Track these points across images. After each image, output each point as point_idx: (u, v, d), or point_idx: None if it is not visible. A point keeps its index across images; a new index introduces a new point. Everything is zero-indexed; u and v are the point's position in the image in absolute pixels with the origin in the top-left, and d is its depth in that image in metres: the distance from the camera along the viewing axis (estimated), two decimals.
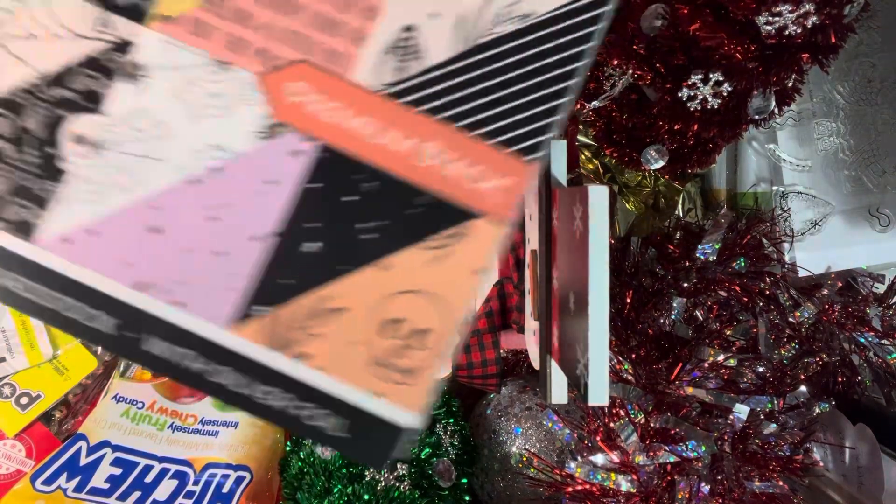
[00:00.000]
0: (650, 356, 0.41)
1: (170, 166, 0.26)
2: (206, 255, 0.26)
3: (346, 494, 0.38)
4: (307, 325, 0.26)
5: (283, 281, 0.26)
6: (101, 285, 0.26)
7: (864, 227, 0.49)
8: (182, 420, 0.50)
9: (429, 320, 0.26)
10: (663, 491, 0.37)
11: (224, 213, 0.26)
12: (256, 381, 0.26)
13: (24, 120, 0.26)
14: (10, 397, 0.51)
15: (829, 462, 0.45)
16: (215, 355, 0.26)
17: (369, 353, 0.26)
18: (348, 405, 0.26)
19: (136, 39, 0.26)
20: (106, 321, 0.26)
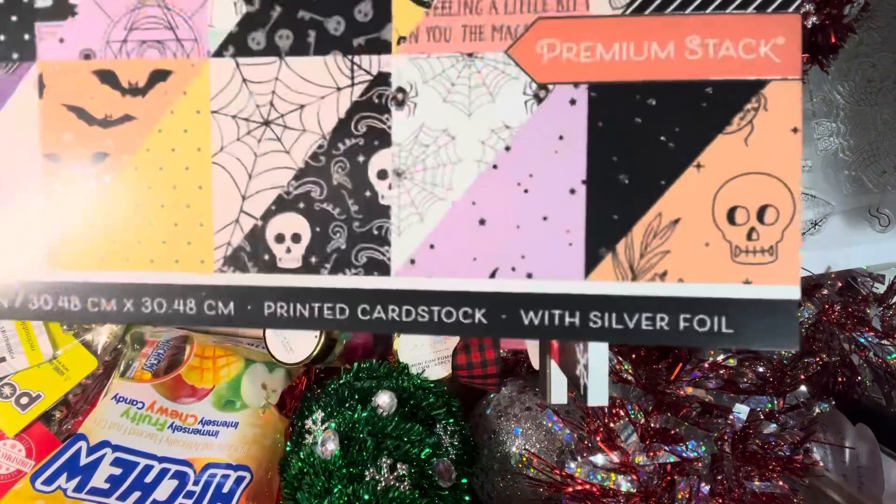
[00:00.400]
0: (650, 356, 0.40)
1: (467, 163, 0.28)
2: (534, 224, 0.28)
3: (346, 494, 0.38)
4: (652, 246, 0.27)
5: (613, 217, 0.27)
6: (459, 286, 0.28)
7: (864, 227, 0.49)
8: (182, 420, 0.50)
9: (766, 195, 0.26)
10: (663, 491, 0.37)
11: (532, 183, 0.28)
12: (629, 312, 0.27)
13: (331, 179, 0.29)
14: (10, 397, 0.51)
15: (829, 462, 0.45)
16: (583, 305, 0.28)
17: (722, 248, 0.27)
18: (722, 302, 0.27)
19: (388, 69, 0.28)
20: (478, 313, 0.28)
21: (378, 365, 0.48)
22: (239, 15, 0.29)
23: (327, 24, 0.29)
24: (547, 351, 0.36)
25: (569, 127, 0.27)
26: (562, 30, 0.27)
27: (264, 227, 0.30)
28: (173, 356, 0.53)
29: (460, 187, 0.28)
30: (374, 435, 0.40)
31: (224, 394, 0.52)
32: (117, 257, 0.31)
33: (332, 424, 0.41)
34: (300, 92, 0.29)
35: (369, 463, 0.39)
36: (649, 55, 0.27)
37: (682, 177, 0.27)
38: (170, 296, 0.30)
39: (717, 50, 0.26)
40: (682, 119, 0.27)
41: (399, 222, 0.29)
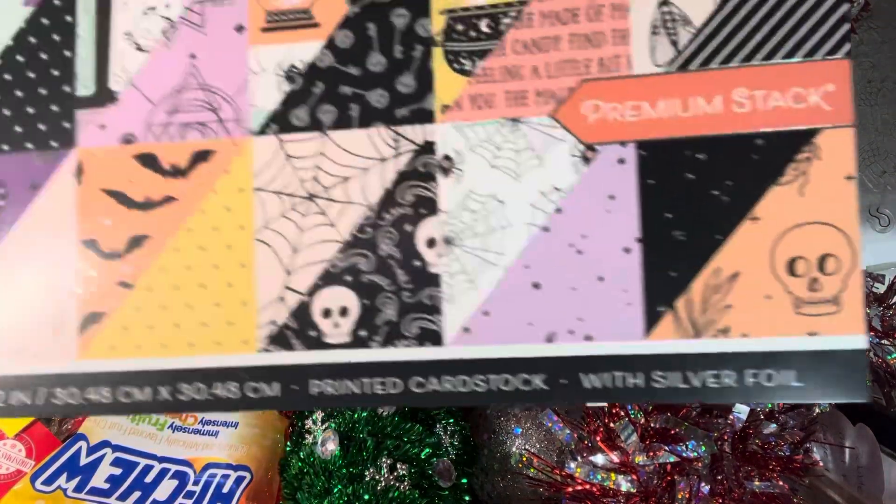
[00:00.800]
0: None
1: (518, 227, 0.28)
2: (590, 285, 0.27)
3: (346, 494, 0.37)
4: (712, 301, 0.26)
5: (670, 274, 0.27)
6: (515, 352, 0.28)
7: (864, 227, 0.49)
8: (182, 420, 0.49)
9: (826, 245, 0.26)
10: (663, 491, 0.36)
11: (586, 244, 0.27)
12: (694, 370, 0.27)
13: (379, 249, 0.28)
14: None
15: (829, 462, 0.45)
16: (646, 366, 0.27)
17: (784, 300, 0.26)
18: (789, 355, 0.26)
19: (432, 138, 0.28)
20: (536, 380, 0.27)
21: None
22: (282, 94, 0.29)
23: (370, 98, 0.29)
24: None
25: (619, 186, 0.27)
26: (606, 90, 0.28)
27: (310, 302, 0.29)
28: None
29: (512, 252, 0.28)
30: (374, 435, 0.40)
31: None
32: (153, 343, 0.29)
33: (332, 424, 0.41)
34: (344, 165, 0.29)
35: (369, 463, 0.38)
36: (696, 110, 0.27)
37: (738, 230, 0.27)
38: (209, 380, 0.29)
39: (765, 101, 0.27)
40: (734, 172, 0.27)
41: (451, 290, 0.28)
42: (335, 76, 0.29)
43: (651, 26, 0.27)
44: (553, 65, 0.28)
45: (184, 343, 0.29)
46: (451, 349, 0.28)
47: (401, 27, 0.29)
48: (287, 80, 0.29)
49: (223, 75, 0.30)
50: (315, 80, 0.29)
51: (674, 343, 0.27)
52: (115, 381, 0.29)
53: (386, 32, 0.29)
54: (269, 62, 0.29)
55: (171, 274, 0.29)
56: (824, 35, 0.26)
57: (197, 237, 0.29)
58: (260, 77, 0.29)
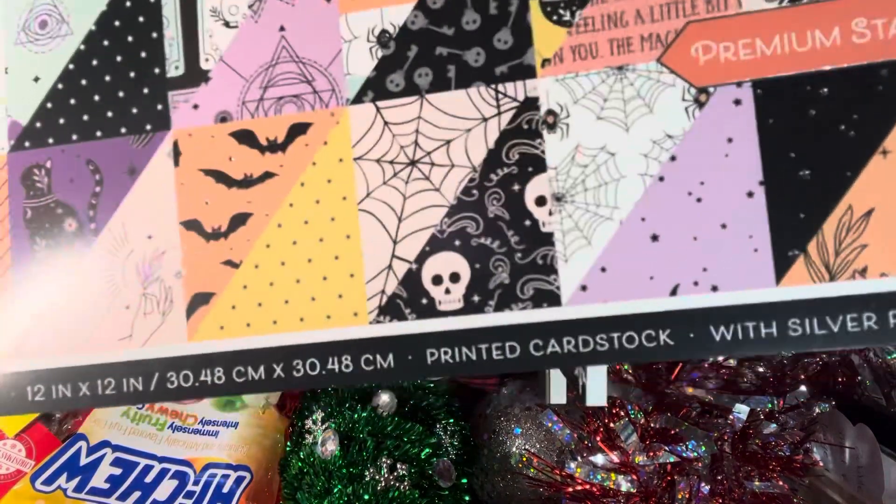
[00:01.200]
0: None
1: (631, 179, 0.27)
2: (713, 233, 0.26)
3: (346, 494, 0.37)
4: (847, 242, 0.25)
5: (799, 216, 0.26)
6: (638, 308, 0.27)
7: None
8: (182, 420, 0.49)
9: None
10: (663, 491, 0.36)
11: (705, 191, 0.26)
12: (832, 315, 0.26)
13: (487, 211, 0.28)
14: None
15: (829, 462, 0.44)
16: (780, 314, 0.26)
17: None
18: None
19: (535, 93, 0.28)
20: (662, 335, 0.27)
21: None
22: (375, 59, 0.29)
23: (466, 57, 0.28)
24: None
25: (737, 128, 0.26)
26: (715, 30, 0.26)
27: (420, 270, 0.28)
28: None
29: (626, 205, 0.27)
30: (374, 435, 0.40)
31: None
32: (264, 321, 0.29)
33: (332, 424, 0.41)
34: (445, 127, 0.28)
35: (369, 463, 0.38)
36: (814, 44, 0.26)
37: (868, 165, 0.25)
38: (323, 355, 0.29)
39: (886, 30, 0.25)
40: (859, 105, 0.25)
41: (565, 248, 0.27)
42: (429, 38, 0.28)
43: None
44: (657, 7, 0.27)
45: (294, 319, 0.29)
46: (569, 309, 0.27)
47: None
48: (380, 46, 0.29)
49: (315, 46, 0.29)
50: (409, 43, 0.29)
51: (808, 289, 0.26)
52: (228, 362, 0.29)
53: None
54: (361, 28, 0.29)
55: (276, 250, 0.29)
56: None
57: (300, 211, 0.29)
58: (352, 44, 0.29)
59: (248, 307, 0.29)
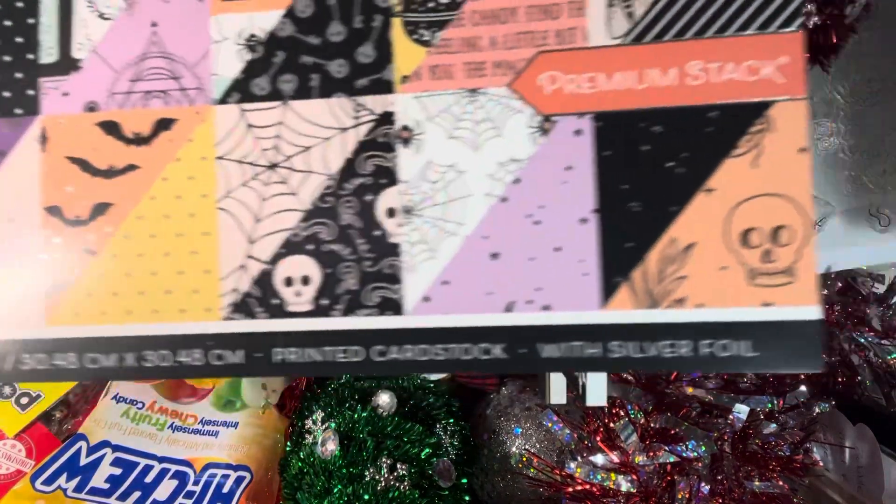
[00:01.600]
0: None
1: (477, 197, 0.28)
2: (547, 255, 0.27)
3: (346, 494, 0.37)
4: (668, 272, 0.27)
5: (627, 245, 0.27)
6: (475, 321, 0.28)
7: (864, 227, 0.48)
8: (182, 420, 0.49)
9: (780, 216, 0.26)
10: (663, 491, 0.36)
11: (543, 214, 0.28)
12: (650, 340, 0.27)
13: (340, 219, 0.29)
14: (10, 397, 0.49)
15: (829, 462, 0.45)
16: (603, 336, 0.27)
17: (739, 271, 0.27)
18: (744, 325, 0.26)
19: (392, 108, 0.28)
20: (496, 349, 0.28)
21: None
22: (242, 62, 0.29)
23: (330, 68, 0.29)
24: None
25: (576, 157, 0.28)
26: (563, 62, 0.28)
27: (272, 270, 0.29)
28: None
29: (471, 222, 0.28)
30: (374, 435, 0.40)
31: (224, 394, 0.51)
32: (119, 310, 0.30)
33: (332, 424, 0.41)
34: (305, 134, 0.29)
35: (369, 463, 0.38)
36: (651, 82, 0.27)
37: (693, 202, 0.27)
38: (174, 347, 0.29)
39: (719, 73, 0.27)
40: (689, 144, 0.27)
41: (411, 259, 0.28)
42: (295, 45, 0.29)
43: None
44: (511, 36, 0.28)
45: (148, 310, 0.30)
46: (411, 318, 0.28)
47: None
48: (248, 50, 0.29)
49: (185, 44, 0.30)
50: (275, 49, 0.29)
51: (630, 313, 0.27)
52: (80, 348, 0.30)
53: (346, 2, 0.29)
54: (231, 31, 0.29)
55: (135, 241, 0.30)
56: (777, 8, 0.26)
57: (160, 205, 0.30)
58: (221, 45, 0.29)
59: (104, 296, 0.30)
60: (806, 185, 0.26)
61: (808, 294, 0.26)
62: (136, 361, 0.30)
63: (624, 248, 0.27)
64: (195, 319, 0.29)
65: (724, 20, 0.27)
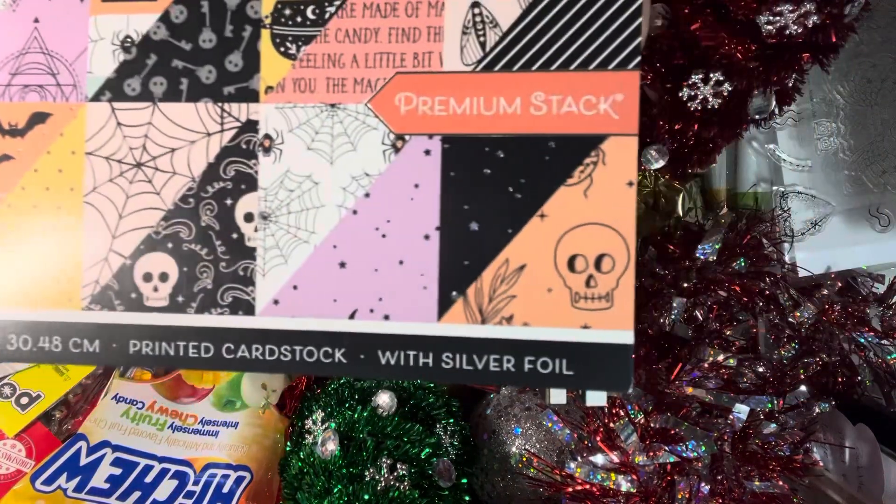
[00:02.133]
0: (650, 356, 0.40)
1: (329, 208, 0.29)
2: (391, 267, 0.29)
3: (346, 494, 0.37)
4: (500, 291, 0.28)
5: (464, 262, 0.28)
6: (320, 326, 0.29)
7: (864, 227, 0.48)
8: (182, 420, 0.49)
9: (603, 245, 0.28)
10: (663, 491, 0.36)
11: (390, 228, 0.29)
12: (479, 354, 0.28)
13: (200, 220, 0.30)
14: (10, 397, 0.49)
15: (829, 462, 0.45)
16: (436, 346, 0.29)
17: (563, 294, 0.28)
18: (563, 345, 0.28)
19: (256, 116, 0.29)
20: (338, 353, 0.29)
21: None
22: (116, 62, 0.30)
23: (199, 73, 0.30)
24: None
25: (424, 175, 0.29)
26: (418, 84, 0.29)
27: (133, 265, 0.30)
28: None
29: (322, 231, 0.29)
30: (374, 435, 0.40)
31: (224, 394, 0.51)
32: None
33: (332, 424, 0.41)
34: (172, 136, 0.30)
35: (369, 463, 0.39)
36: (497, 110, 0.28)
37: (527, 225, 0.28)
38: (35, 333, 0.31)
39: (560, 106, 0.28)
40: (527, 171, 0.28)
41: (264, 264, 0.30)
42: (168, 49, 0.30)
43: (462, 26, 0.29)
44: (371, 55, 0.29)
45: (14, 295, 0.31)
46: (260, 319, 0.30)
47: (232, 6, 0.30)
48: (123, 50, 0.30)
49: (64, 41, 0.31)
50: (149, 51, 0.30)
51: (462, 327, 0.28)
52: None
53: (218, 11, 0.30)
54: (108, 31, 0.30)
55: (3, 229, 0.31)
56: (616, 47, 0.28)
57: (31, 195, 0.31)
58: (97, 45, 0.30)
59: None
60: (630, 216, 0.27)
61: (624, 319, 0.27)
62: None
63: (461, 266, 0.28)
64: (57, 307, 0.30)
65: (567, 55, 0.28)
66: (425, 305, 0.29)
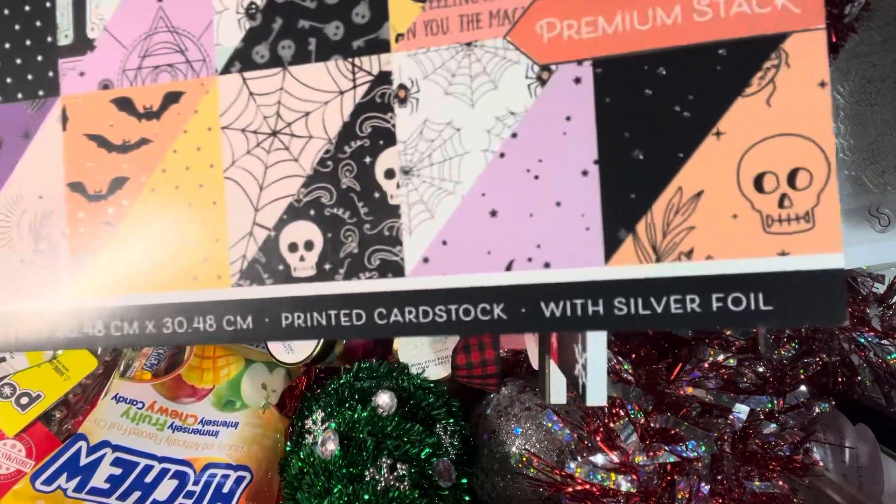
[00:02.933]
0: (650, 356, 0.40)
1: (474, 155, 0.27)
2: (548, 210, 0.27)
3: (346, 494, 0.37)
4: (675, 223, 0.26)
5: (630, 196, 0.26)
6: (474, 281, 0.27)
7: (864, 227, 0.48)
8: (182, 420, 0.50)
9: (796, 158, 0.24)
10: (663, 491, 0.36)
11: (542, 168, 0.27)
12: (656, 296, 0.26)
13: (340, 183, 0.29)
14: (10, 397, 0.51)
15: (829, 462, 0.44)
16: (606, 292, 0.26)
17: (752, 219, 0.25)
18: (758, 277, 0.25)
19: (388, 67, 0.28)
20: (494, 309, 0.27)
21: (378, 365, 0.48)
22: (243, 31, 0.30)
23: (326, 31, 0.29)
24: (546, 351, 0.34)
25: (576, 107, 0.26)
26: (560, 7, 0.26)
27: (277, 237, 0.29)
28: (173, 356, 0.54)
29: (468, 180, 0.27)
30: (374, 435, 0.40)
31: (224, 394, 0.52)
32: (138, 280, 0.31)
33: (332, 424, 0.41)
34: (305, 99, 0.29)
35: (369, 463, 0.38)
36: (654, 22, 0.25)
37: (701, 147, 0.25)
38: (189, 314, 0.30)
39: (728, 7, 0.25)
40: (695, 86, 0.25)
41: (410, 221, 0.28)
42: (293, 10, 0.29)
43: None
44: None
45: (165, 279, 0.31)
46: (411, 280, 0.28)
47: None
48: (248, 18, 0.30)
49: (189, 17, 0.30)
50: (274, 15, 0.29)
51: (635, 269, 0.26)
52: (107, 317, 0.31)
53: None
54: (231, 1, 0.30)
55: (149, 213, 0.31)
56: None
57: (171, 177, 0.31)
58: (223, 16, 0.30)
59: (124, 266, 0.31)
60: (826, 122, 0.24)
61: (830, 241, 0.24)
62: (155, 329, 0.31)
63: (627, 200, 0.26)
64: (207, 287, 0.30)
65: None
66: (590, 248, 0.26)
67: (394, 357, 0.49)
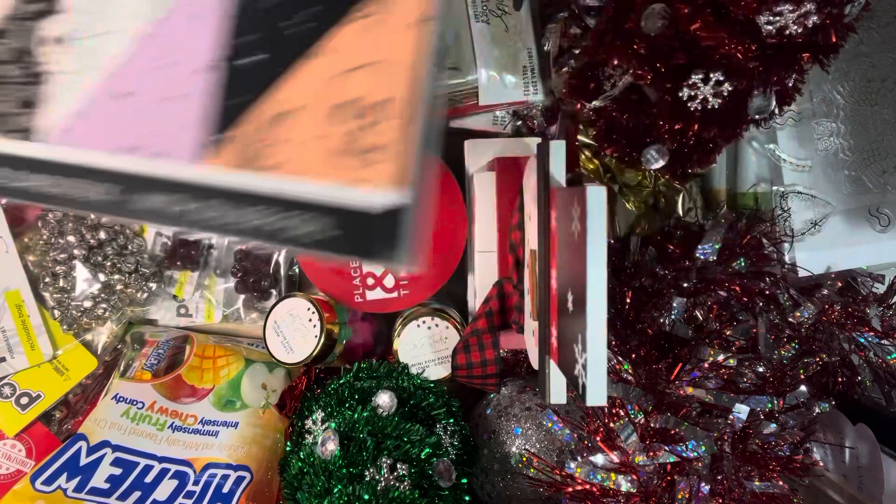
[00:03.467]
0: (650, 356, 0.40)
1: (120, 35, 0.28)
2: (173, 102, 0.27)
3: (346, 494, 0.37)
4: (270, 134, 0.25)
5: (234, 101, 0.26)
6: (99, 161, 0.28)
7: (864, 227, 0.48)
8: (182, 420, 0.50)
9: (385, 89, 0.24)
10: (663, 491, 0.36)
11: (170, 59, 0.27)
12: (239, 204, 0.25)
13: (13, 42, 0.29)
14: (10, 397, 0.51)
15: (829, 462, 0.45)
16: (198, 192, 0.26)
17: (337, 143, 0.24)
18: (328, 203, 0.24)
19: None
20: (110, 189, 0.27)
21: (378, 365, 0.48)
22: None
23: None
24: (546, 351, 0.36)
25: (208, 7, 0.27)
26: None
27: None
28: (173, 356, 0.54)
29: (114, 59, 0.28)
30: (374, 435, 0.40)
31: (224, 394, 0.52)
32: None
33: (332, 424, 0.41)
34: None
35: (369, 463, 0.38)
36: None
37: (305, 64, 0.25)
38: None
39: None
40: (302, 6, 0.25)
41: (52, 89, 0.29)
42: None
43: None
44: None
45: None
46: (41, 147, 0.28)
47: None
48: None
49: None
50: None
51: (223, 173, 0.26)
52: None
53: None
54: None
55: None
56: None
57: None
58: None
59: None
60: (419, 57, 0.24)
61: (395, 177, 0.24)
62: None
63: (228, 105, 0.26)
64: None
65: None
66: (191, 145, 0.26)
67: (394, 357, 0.49)
